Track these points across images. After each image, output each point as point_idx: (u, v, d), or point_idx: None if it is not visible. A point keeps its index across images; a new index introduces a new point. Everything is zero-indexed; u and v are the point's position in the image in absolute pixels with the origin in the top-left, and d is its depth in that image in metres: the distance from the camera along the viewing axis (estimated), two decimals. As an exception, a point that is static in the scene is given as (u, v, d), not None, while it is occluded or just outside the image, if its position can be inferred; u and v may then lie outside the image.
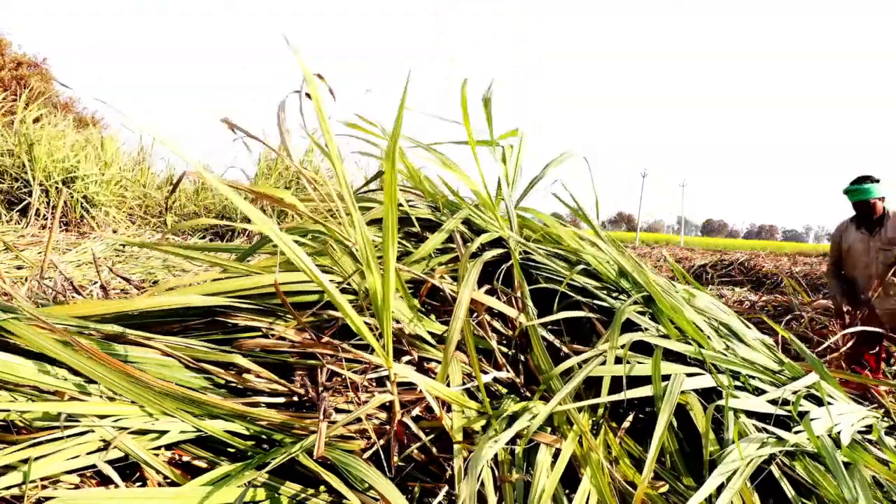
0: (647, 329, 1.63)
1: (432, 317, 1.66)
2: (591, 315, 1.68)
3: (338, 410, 1.33)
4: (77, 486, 1.12)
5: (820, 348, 2.25)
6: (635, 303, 1.66)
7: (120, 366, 1.17)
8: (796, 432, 1.41)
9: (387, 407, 1.35)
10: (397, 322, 1.49)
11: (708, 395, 1.53)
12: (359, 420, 1.29)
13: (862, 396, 2.41)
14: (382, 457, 1.26)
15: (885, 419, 1.72)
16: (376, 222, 1.90)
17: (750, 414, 1.49)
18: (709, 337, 1.67)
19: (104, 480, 1.16)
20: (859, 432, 1.57)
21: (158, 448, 1.18)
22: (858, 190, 3.26)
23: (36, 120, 6.68)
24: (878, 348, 3.34)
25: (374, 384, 1.40)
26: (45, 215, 5.78)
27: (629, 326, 1.64)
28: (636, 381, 1.45)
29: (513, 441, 1.32)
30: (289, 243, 1.17)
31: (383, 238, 1.22)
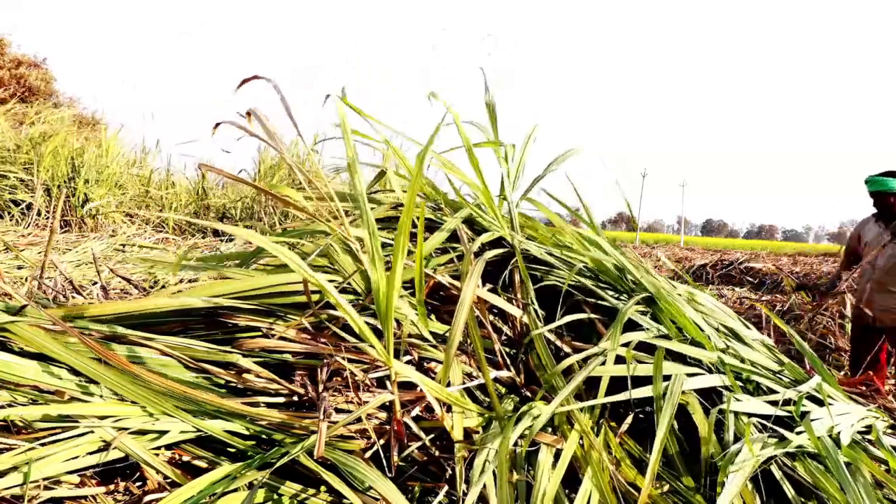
0: (647, 329, 1.63)
1: (433, 316, 1.66)
2: (592, 315, 1.68)
3: (338, 410, 1.33)
4: (77, 486, 1.12)
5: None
6: (637, 303, 1.66)
7: (124, 363, 1.17)
8: (797, 433, 1.41)
9: (387, 407, 1.35)
10: (398, 321, 1.49)
11: (708, 395, 1.53)
12: (359, 420, 1.29)
13: (861, 395, 2.40)
14: (383, 457, 1.26)
15: (885, 418, 1.71)
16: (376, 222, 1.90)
17: (750, 414, 1.49)
18: (709, 337, 1.67)
19: (104, 480, 1.16)
20: (859, 432, 1.57)
21: (159, 448, 1.18)
22: (876, 181, 3.28)
23: (39, 120, 6.69)
24: (878, 347, 3.33)
25: (374, 384, 1.40)
26: (46, 215, 5.78)
27: (630, 326, 1.64)
28: (637, 381, 1.45)
29: (514, 441, 1.32)
30: (284, 251, 1.19)
31: (396, 238, 1.23)
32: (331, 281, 1.52)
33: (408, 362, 1.46)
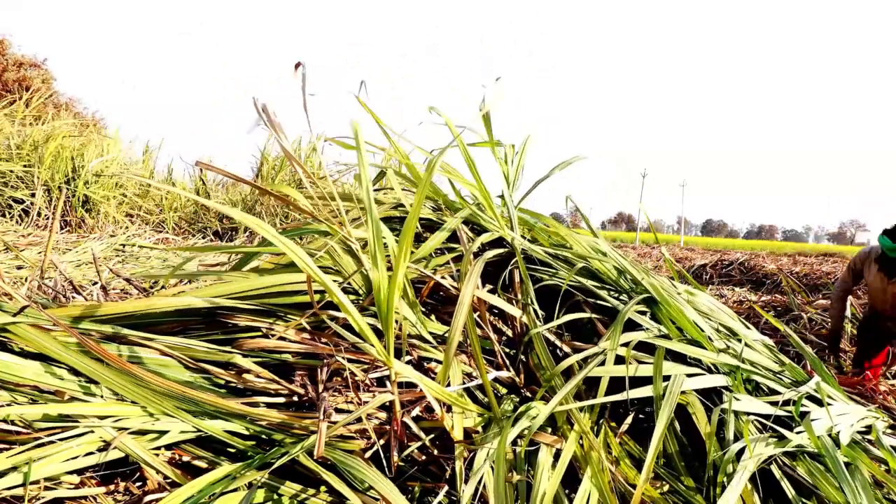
0: (647, 329, 1.63)
1: (432, 316, 1.66)
2: (592, 315, 1.68)
3: (338, 410, 1.33)
4: (77, 486, 1.12)
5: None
6: (637, 303, 1.66)
7: (123, 364, 1.17)
8: (797, 433, 1.41)
9: (387, 407, 1.35)
10: (398, 322, 1.49)
11: (708, 394, 1.53)
12: (359, 420, 1.29)
13: (862, 396, 2.41)
14: (382, 457, 1.26)
15: (885, 418, 1.71)
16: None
17: (750, 414, 1.49)
18: (709, 337, 1.67)
19: (104, 480, 1.16)
20: (859, 432, 1.57)
21: (159, 448, 1.18)
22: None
23: (38, 119, 6.70)
24: (883, 353, 3.36)
25: (374, 384, 1.40)
26: (46, 215, 5.78)
27: (629, 326, 1.64)
28: (637, 381, 1.45)
29: (513, 441, 1.32)
30: (292, 246, 1.18)
31: (400, 240, 1.23)
32: (332, 281, 1.52)
33: (407, 362, 1.46)
